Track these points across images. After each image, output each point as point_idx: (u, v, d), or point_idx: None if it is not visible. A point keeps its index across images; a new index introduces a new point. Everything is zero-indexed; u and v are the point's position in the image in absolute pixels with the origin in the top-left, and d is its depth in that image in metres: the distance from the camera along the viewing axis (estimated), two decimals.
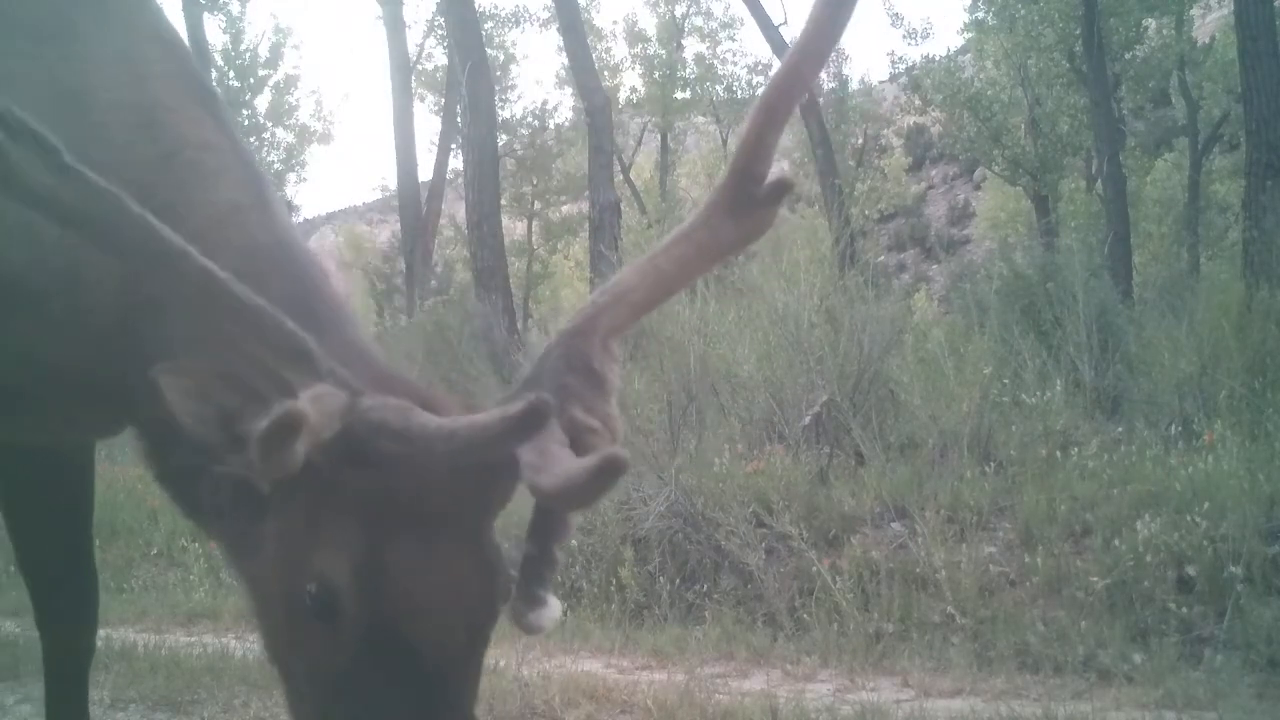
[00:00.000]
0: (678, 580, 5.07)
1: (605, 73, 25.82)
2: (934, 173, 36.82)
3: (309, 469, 1.21)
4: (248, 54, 24.61)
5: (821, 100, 21.51)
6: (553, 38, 38.61)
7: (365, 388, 1.26)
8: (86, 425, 2.00)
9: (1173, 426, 5.35)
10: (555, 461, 1.14)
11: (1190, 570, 4.04)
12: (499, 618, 1.32)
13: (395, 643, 1.23)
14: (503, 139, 22.99)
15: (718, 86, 29.51)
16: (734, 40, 37.65)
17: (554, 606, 1.29)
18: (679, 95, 29.06)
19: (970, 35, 23.76)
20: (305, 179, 49.87)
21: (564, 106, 29.19)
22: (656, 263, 1.41)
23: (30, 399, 1.77)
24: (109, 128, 1.67)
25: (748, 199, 1.40)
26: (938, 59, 24.02)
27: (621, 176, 25.53)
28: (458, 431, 1.15)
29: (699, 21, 29.99)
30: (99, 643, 4.88)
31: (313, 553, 1.26)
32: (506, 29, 27.02)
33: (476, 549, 1.29)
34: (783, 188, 1.41)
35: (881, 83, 30.84)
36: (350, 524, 1.24)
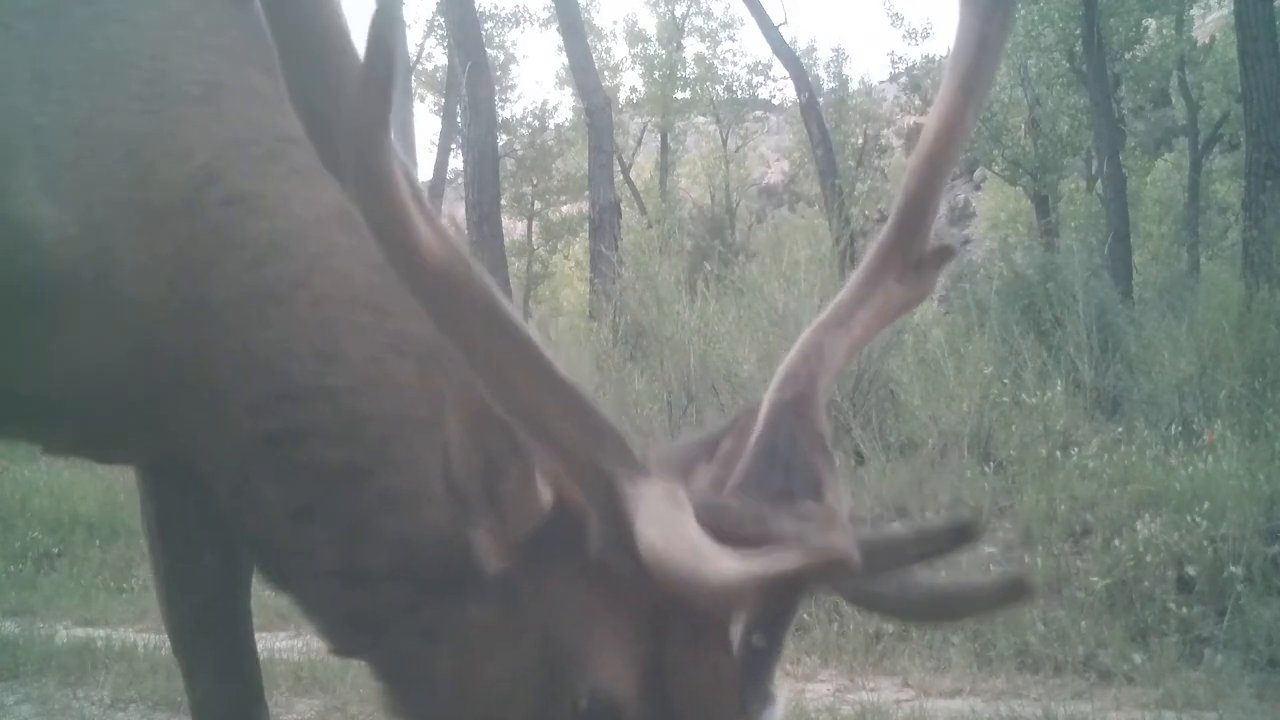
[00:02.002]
0: None
1: (605, 73, 25.82)
2: None
3: (568, 551, 1.11)
4: None
5: (821, 100, 21.52)
6: (553, 38, 38.68)
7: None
8: (134, 447, 1.69)
9: (1173, 426, 5.35)
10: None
11: (1190, 570, 4.04)
12: None
13: None
14: (503, 139, 23.01)
15: (718, 86, 29.53)
16: (734, 40, 37.66)
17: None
18: (679, 95, 29.07)
19: None
20: None
21: (564, 106, 29.29)
22: (849, 329, 1.30)
23: (51, 410, 1.53)
24: (153, 99, 1.44)
25: (914, 262, 1.32)
26: (938, 59, 24.03)
27: (621, 176, 25.52)
28: (854, 549, 1.02)
29: (699, 21, 30.04)
30: (99, 643, 4.92)
31: (585, 658, 1.11)
32: (506, 29, 27.09)
33: (763, 658, 1.14)
34: (947, 254, 1.34)
35: (881, 83, 30.84)
36: (632, 625, 1.09)
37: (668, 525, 0.98)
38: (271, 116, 1.47)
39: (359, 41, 1.00)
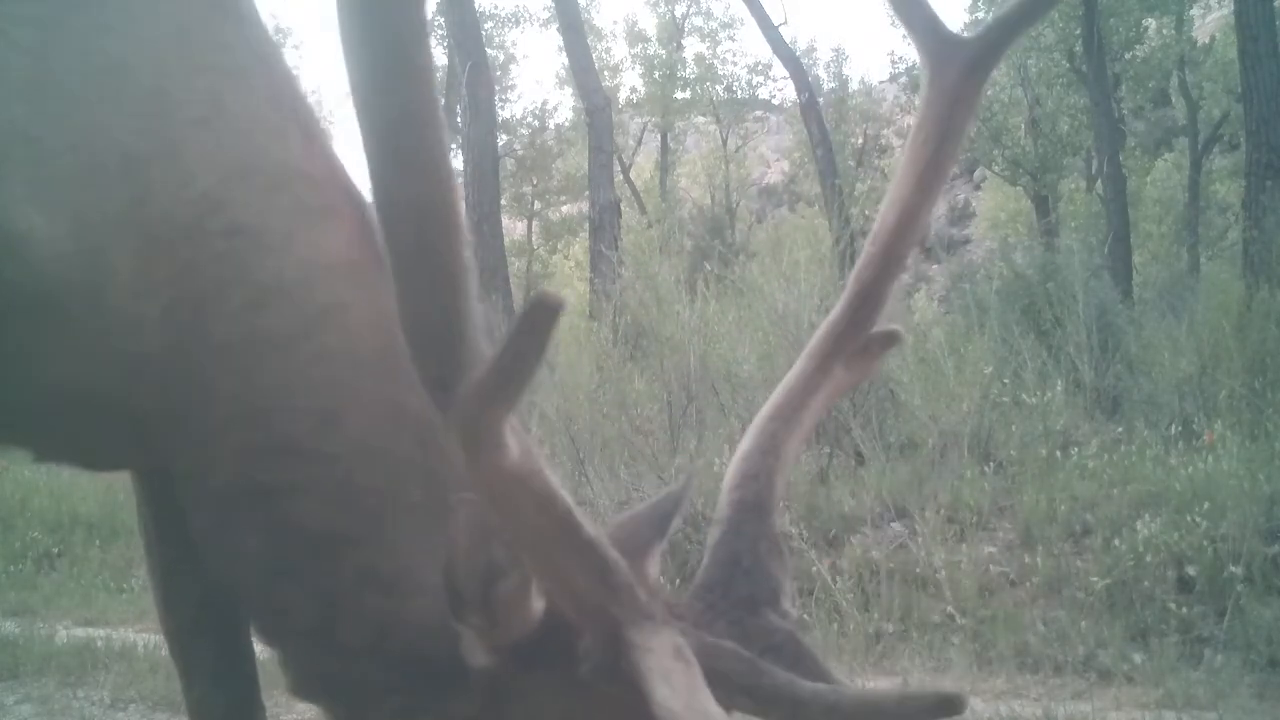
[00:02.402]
0: (678, 580, 5.05)
1: (605, 73, 25.83)
2: None
3: (555, 663, 1.11)
4: None
5: (821, 100, 21.52)
6: (553, 38, 38.67)
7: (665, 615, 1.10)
8: (120, 456, 1.64)
9: (1173, 426, 5.35)
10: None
11: (1190, 570, 4.04)
12: None
13: None
14: (503, 139, 23.01)
15: (718, 86, 29.54)
16: (734, 40, 37.68)
17: None
18: (679, 95, 29.08)
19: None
20: None
21: (564, 106, 29.28)
22: (801, 421, 1.32)
23: (31, 420, 1.49)
24: (153, 118, 1.37)
25: (859, 346, 1.34)
26: None
27: (621, 176, 25.54)
28: (841, 706, 1.04)
29: (699, 21, 30.07)
30: (99, 642, 4.91)
31: None
32: (506, 29, 27.07)
33: None
34: (893, 339, 1.36)
35: (881, 83, 30.85)
36: None
37: (684, 691, 1.01)
38: (276, 146, 1.42)
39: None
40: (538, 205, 27.59)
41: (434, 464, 1.31)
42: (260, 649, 1.80)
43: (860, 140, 27.23)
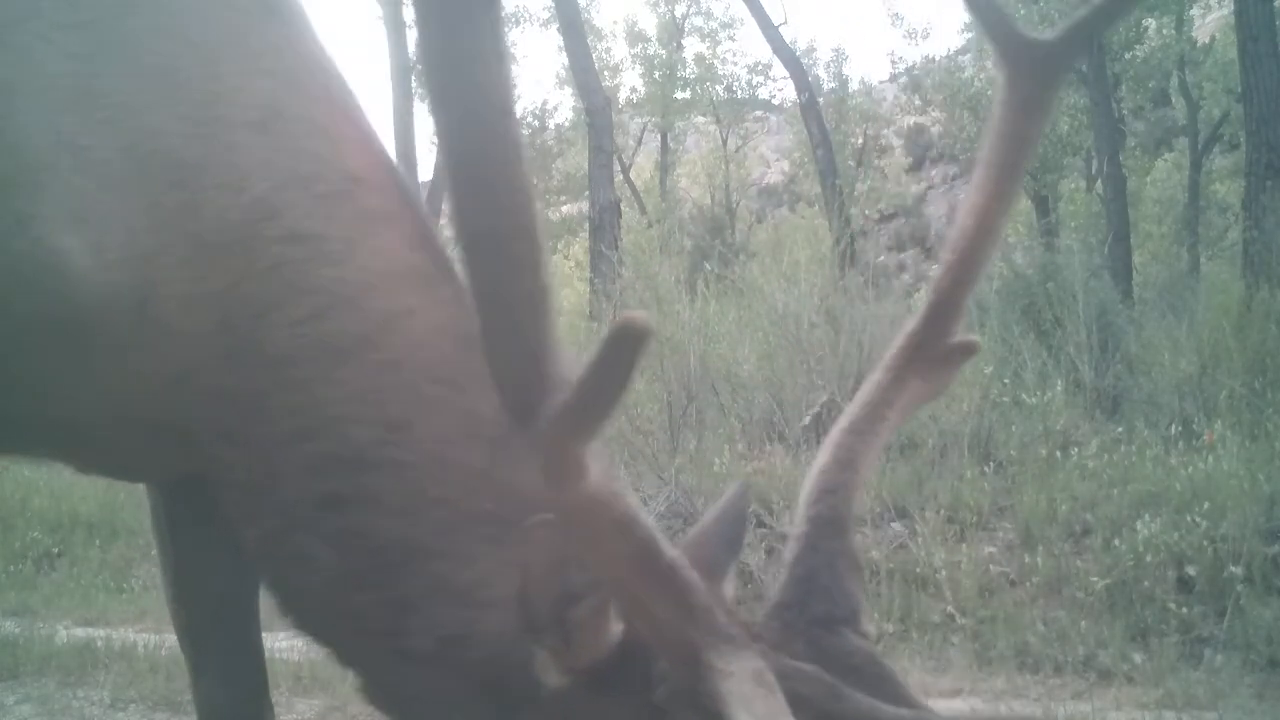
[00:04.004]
0: None
1: (605, 73, 25.82)
2: (934, 173, 36.78)
3: (629, 687, 1.10)
4: None
5: (821, 100, 21.52)
6: (553, 38, 38.63)
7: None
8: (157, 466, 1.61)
9: (1173, 426, 5.35)
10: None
11: (1190, 570, 4.05)
12: None
13: None
14: None
15: (718, 86, 29.50)
16: (734, 40, 37.60)
17: None
18: (679, 95, 29.04)
19: (970, 35, 23.77)
20: None
21: (564, 106, 29.26)
22: (879, 433, 1.32)
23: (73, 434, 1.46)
24: (207, 123, 1.34)
25: (937, 357, 1.32)
26: (938, 59, 24.08)
27: (621, 176, 25.52)
28: None
29: (699, 21, 30.02)
30: (99, 642, 4.91)
31: None
32: (507, 29, 27.00)
33: None
34: (970, 350, 1.33)
35: (881, 83, 30.83)
36: None
37: (766, 718, 0.99)
38: (334, 152, 1.39)
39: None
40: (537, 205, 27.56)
41: (507, 474, 1.27)
42: (268, 649, 1.81)
43: (860, 140, 27.18)
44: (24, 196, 1.27)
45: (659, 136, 30.09)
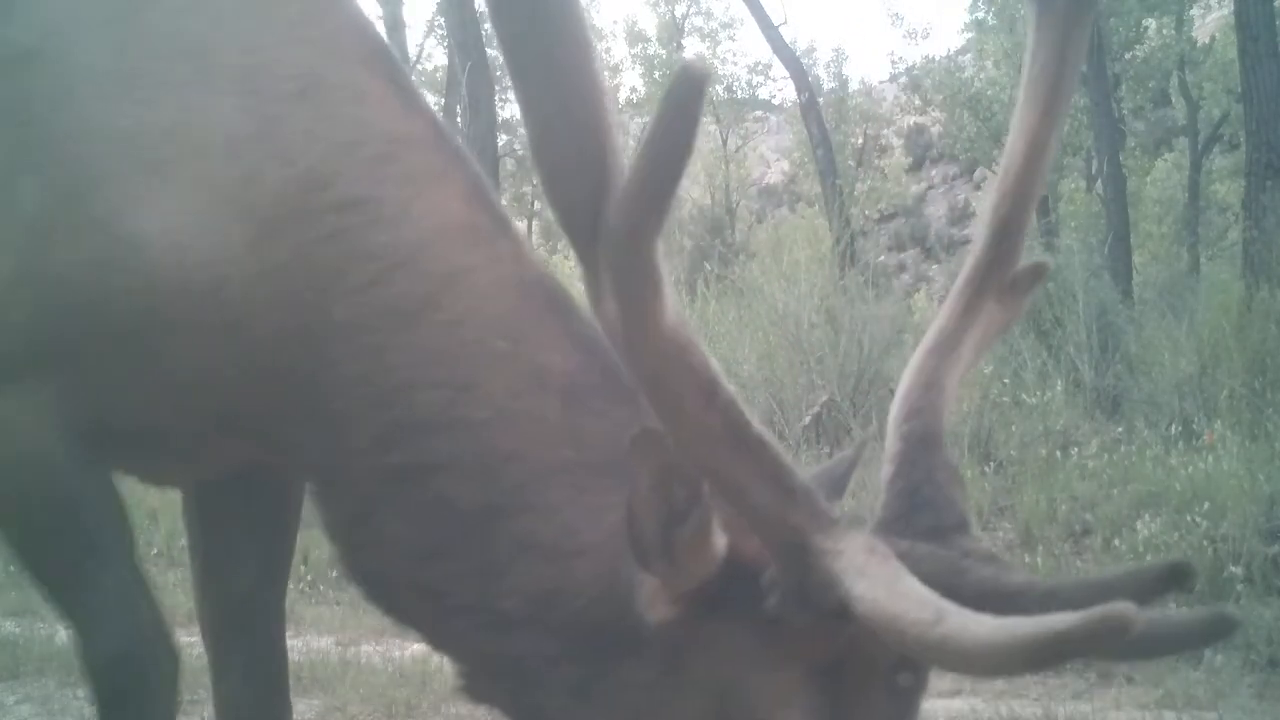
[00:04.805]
0: None
1: (605, 73, 25.79)
2: (934, 173, 36.79)
3: (740, 605, 1.08)
4: None
5: (821, 100, 21.52)
6: None
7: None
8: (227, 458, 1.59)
9: (1173, 426, 5.35)
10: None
11: None
12: None
13: None
14: (503, 139, 22.98)
15: (718, 86, 29.50)
16: (734, 40, 37.70)
17: None
18: None
19: (970, 35, 23.80)
20: None
21: None
22: (960, 355, 1.29)
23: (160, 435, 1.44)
24: (247, 96, 1.32)
25: (1009, 283, 1.31)
26: (938, 59, 24.09)
27: None
28: (1060, 592, 0.98)
29: (699, 21, 30.02)
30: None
31: (761, 716, 1.10)
32: None
33: (910, 696, 1.17)
34: (1041, 272, 1.33)
35: (881, 83, 30.84)
36: (810, 682, 1.09)
37: (887, 582, 0.95)
38: (379, 115, 1.37)
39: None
40: (538, 205, 27.57)
41: (582, 421, 1.26)
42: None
43: (860, 140, 27.19)
44: (89, 196, 1.27)
45: None
